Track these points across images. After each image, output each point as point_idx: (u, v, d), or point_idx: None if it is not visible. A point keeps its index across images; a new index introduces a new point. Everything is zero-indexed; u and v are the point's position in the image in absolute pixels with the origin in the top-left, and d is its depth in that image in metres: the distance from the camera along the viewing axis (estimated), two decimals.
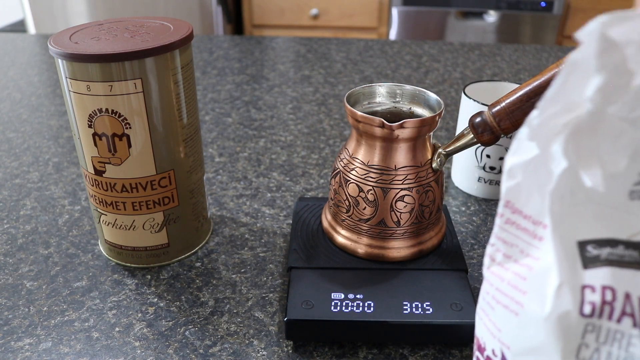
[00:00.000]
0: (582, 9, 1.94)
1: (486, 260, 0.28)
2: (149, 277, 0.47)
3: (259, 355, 0.39)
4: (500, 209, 0.27)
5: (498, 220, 0.27)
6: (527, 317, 0.25)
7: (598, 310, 0.24)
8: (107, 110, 0.40)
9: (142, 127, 0.41)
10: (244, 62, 1.01)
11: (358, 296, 0.40)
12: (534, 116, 0.25)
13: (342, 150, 0.45)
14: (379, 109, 0.46)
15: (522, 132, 0.25)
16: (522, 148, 0.26)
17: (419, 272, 0.42)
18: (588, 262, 0.24)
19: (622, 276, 0.24)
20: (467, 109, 0.55)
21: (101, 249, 0.50)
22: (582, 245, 0.24)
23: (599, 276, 0.24)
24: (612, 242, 0.24)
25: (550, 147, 0.24)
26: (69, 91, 0.40)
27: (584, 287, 0.24)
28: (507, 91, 0.59)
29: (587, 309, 0.24)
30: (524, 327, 0.25)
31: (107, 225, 0.46)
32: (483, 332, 0.29)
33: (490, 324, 0.28)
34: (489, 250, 0.28)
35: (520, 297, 0.26)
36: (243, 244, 0.51)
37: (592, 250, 0.24)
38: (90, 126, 0.41)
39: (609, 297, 0.24)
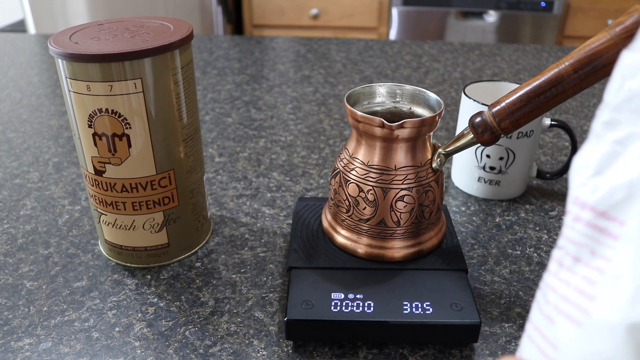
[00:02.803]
0: (582, 9, 1.94)
1: (553, 267, 0.24)
2: (149, 277, 0.47)
3: (259, 355, 0.39)
4: (569, 206, 0.24)
5: (566, 220, 0.24)
6: (592, 328, 0.21)
7: None
8: (107, 110, 0.40)
9: (142, 127, 0.41)
10: (244, 62, 1.01)
11: (358, 296, 0.40)
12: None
13: (342, 150, 0.45)
14: (379, 109, 0.46)
15: (601, 118, 0.23)
16: (599, 137, 0.23)
17: (419, 272, 0.42)
18: None
19: None
20: (467, 109, 0.55)
21: (101, 249, 0.50)
22: None
23: None
24: None
25: None
26: (69, 91, 0.40)
27: None
28: (507, 91, 0.59)
29: None
30: (587, 340, 0.21)
31: (107, 225, 0.46)
32: (533, 354, 0.25)
33: (544, 343, 0.24)
34: (556, 254, 0.24)
35: (587, 304, 0.22)
36: (243, 244, 0.51)
37: None
38: (90, 126, 0.41)
39: None
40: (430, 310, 0.39)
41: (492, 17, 1.98)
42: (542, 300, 0.25)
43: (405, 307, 0.39)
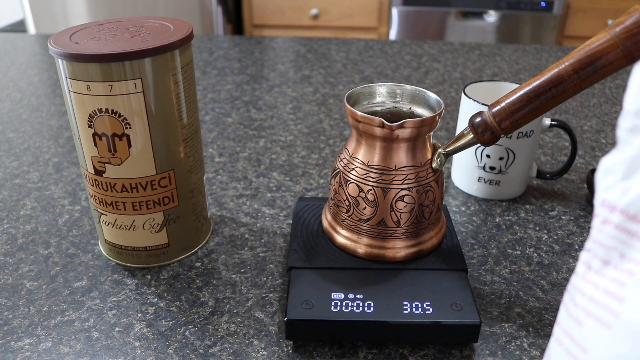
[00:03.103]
0: (582, 9, 1.94)
1: (580, 269, 0.24)
2: (149, 277, 0.47)
3: (259, 355, 0.39)
4: (597, 208, 0.24)
5: (594, 222, 0.24)
6: (622, 330, 0.21)
7: None
8: (107, 110, 0.40)
9: (142, 127, 0.41)
10: (244, 62, 1.01)
11: (358, 296, 0.40)
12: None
13: (342, 150, 0.45)
14: (379, 109, 0.46)
15: (623, 125, 0.22)
16: (626, 144, 0.22)
17: (419, 272, 0.42)
18: None
19: None
20: (467, 109, 0.55)
21: (101, 249, 0.50)
22: None
23: None
24: None
25: None
26: (69, 91, 0.40)
27: None
28: (507, 91, 0.59)
29: None
30: (617, 342, 0.21)
31: (107, 225, 0.46)
32: (561, 357, 0.24)
33: (573, 346, 0.23)
34: (584, 256, 0.24)
35: (617, 306, 0.21)
36: (243, 244, 0.51)
37: None
38: (90, 126, 0.41)
39: None
40: (430, 310, 0.39)
41: (492, 17, 1.98)
42: (570, 303, 0.24)
43: (405, 307, 0.39)
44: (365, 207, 0.43)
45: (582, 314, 0.23)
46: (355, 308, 0.39)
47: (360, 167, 0.42)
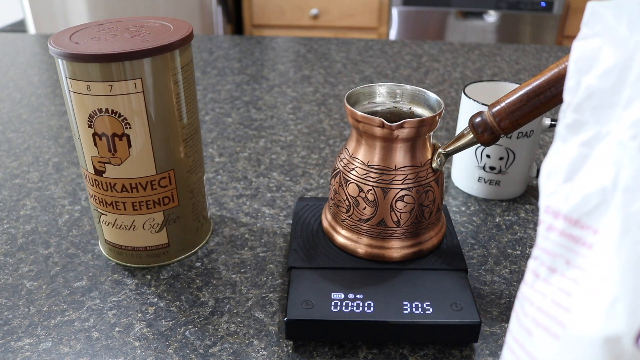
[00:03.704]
0: (582, 9, 1.94)
1: (529, 277, 0.24)
2: (149, 277, 0.47)
3: (259, 355, 0.39)
4: (541, 215, 0.23)
5: (539, 229, 0.24)
6: (569, 341, 0.21)
7: None
8: (107, 110, 0.40)
9: (142, 127, 0.41)
10: (244, 62, 1.01)
11: (358, 296, 0.40)
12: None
13: (342, 150, 0.45)
14: (379, 109, 0.46)
15: (563, 120, 0.22)
16: (565, 141, 0.22)
17: (419, 272, 0.42)
18: None
19: None
20: (467, 109, 0.55)
21: (101, 249, 0.50)
22: None
23: None
24: None
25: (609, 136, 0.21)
26: (69, 91, 0.40)
27: None
28: (507, 91, 0.59)
29: None
30: (565, 354, 0.21)
31: (107, 225, 0.46)
32: None
33: (524, 355, 0.23)
34: (531, 265, 0.24)
35: (563, 316, 0.21)
36: (243, 244, 0.51)
37: None
38: (90, 126, 0.41)
39: None
40: (430, 310, 0.39)
41: (492, 17, 1.98)
42: (520, 312, 0.24)
43: (405, 307, 0.39)
44: (365, 207, 0.43)
45: (532, 324, 0.23)
46: (355, 308, 0.39)
47: (360, 167, 0.42)
